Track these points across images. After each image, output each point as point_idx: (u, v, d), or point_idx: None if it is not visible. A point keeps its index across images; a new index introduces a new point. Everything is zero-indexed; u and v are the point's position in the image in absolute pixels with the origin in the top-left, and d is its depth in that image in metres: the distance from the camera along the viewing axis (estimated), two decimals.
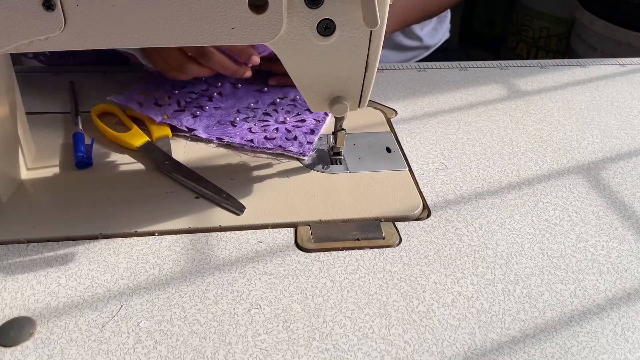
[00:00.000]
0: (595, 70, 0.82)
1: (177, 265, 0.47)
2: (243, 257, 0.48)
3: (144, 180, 0.56)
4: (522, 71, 0.81)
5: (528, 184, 0.58)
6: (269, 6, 0.43)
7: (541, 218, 0.54)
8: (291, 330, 0.42)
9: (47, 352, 0.40)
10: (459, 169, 0.60)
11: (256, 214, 0.52)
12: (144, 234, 0.49)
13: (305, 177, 0.57)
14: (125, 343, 0.40)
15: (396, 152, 0.61)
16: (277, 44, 0.46)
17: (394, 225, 0.52)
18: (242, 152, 0.60)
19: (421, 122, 0.68)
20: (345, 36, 0.46)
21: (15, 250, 0.47)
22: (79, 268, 0.46)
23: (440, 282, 0.46)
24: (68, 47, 0.43)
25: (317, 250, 0.49)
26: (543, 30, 1.77)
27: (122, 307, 0.43)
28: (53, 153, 0.58)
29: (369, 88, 0.51)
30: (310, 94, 0.51)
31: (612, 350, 0.42)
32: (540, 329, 0.43)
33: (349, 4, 0.44)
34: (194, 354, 0.40)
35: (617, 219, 0.54)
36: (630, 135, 0.67)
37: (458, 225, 0.52)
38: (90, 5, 0.41)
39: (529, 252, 0.50)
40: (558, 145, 0.65)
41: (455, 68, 0.81)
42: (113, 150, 0.59)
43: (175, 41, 0.44)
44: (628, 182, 0.59)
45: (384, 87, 0.74)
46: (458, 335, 0.42)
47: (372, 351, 0.41)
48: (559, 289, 0.46)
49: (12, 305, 0.43)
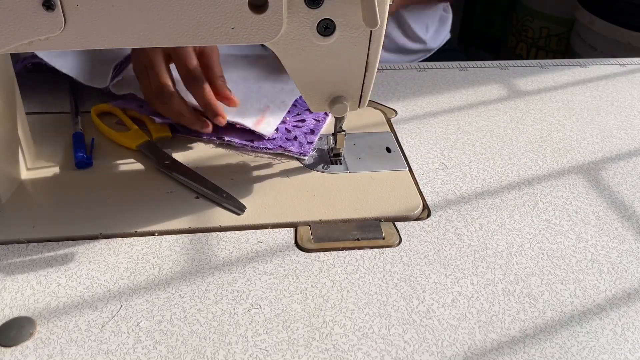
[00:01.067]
0: (595, 70, 0.82)
1: (177, 265, 0.47)
2: (243, 257, 0.48)
3: (144, 180, 0.56)
4: (522, 71, 0.81)
5: (528, 184, 0.58)
6: (269, 6, 0.43)
7: (541, 218, 0.54)
8: (291, 330, 0.42)
9: (47, 352, 0.40)
10: (459, 169, 0.60)
11: (256, 214, 0.52)
12: (144, 234, 0.49)
13: (305, 177, 0.57)
14: (125, 343, 0.40)
15: (396, 152, 0.61)
16: (277, 44, 0.46)
17: (394, 225, 0.52)
18: (242, 152, 0.60)
19: (421, 122, 0.68)
20: (345, 36, 0.46)
21: (15, 250, 0.47)
22: (79, 268, 0.46)
23: (440, 282, 0.46)
24: (68, 47, 0.43)
25: (317, 250, 0.49)
26: (543, 30, 1.77)
27: (122, 307, 0.43)
28: (53, 153, 0.58)
29: (369, 88, 0.51)
30: (310, 94, 0.51)
31: (612, 350, 0.42)
32: (540, 329, 0.43)
33: (349, 4, 0.44)
34: (194, 354, 0.40)
35: (617, 219, 0.54)
36: (630, 135, 0.67)
37: (458, 225, 0.52)
38: (90, 5, 0.41)
39: (529, 252, 0.50)
40: (558, 145, 0.65)
41: (455, 68, 0.81)
42: (113, 150, 0.59)
43: (175, 41, 0.44)
44: (628, 182, 0.59)
45: (384, 87, 0.74)
46: (458, 335, 0.42)
47: (372, 351, 0.41)
48: (559, 289, 0.46)
49: (12, 305, 0.43)
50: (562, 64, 0.83)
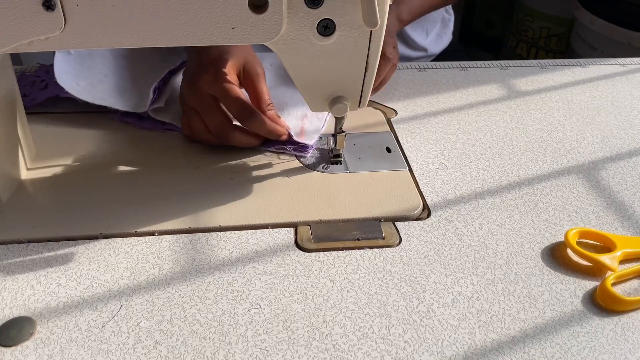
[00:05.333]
0: (595, 70, 0.82)
1: (177, 265, 0.47)
2: (243, 257, 0.48)
3: (145, 179, 0.56)
4: (522, 71, 0.81)
5: (528, 184, 0.58)
6: (269, 6, 0.43)
7: (541, 218, 0.54)
8: (291, 330, 0.42)
9: (47, 352, 0.40)
10: (459, 169, 0.60)
11: (256, 214, 0.52)
12: (144, 234, 0.49)
13: (305, 177, 0.57)
14: (125, 343, 0.40)
15: (396, 152, 0.61)
16: (277, 44, 0.46)
17: (394, 225, 0.52)
18: (243, 151, 0.60)
19: (421, 122, 0.68)
20: (345, 36, 0.46)
21: (15, 250, 0.47)
22: (79, 268, 0.46)
23: (440, 282, 0.46)
24: (68, 47, 0.43)
25: (317, 250, 0.49)
26: (543, 30, 1.77)
27: (122, 307, 0.43)
28: (53, 153, 0.58)
29: (369, 88, 0.51)
30: (310, 94, 0.51)
31: (612, 350, 0.41)
32: (540, 329, 0.43)
33: (349, 4, 0.44)
34: (194, 354, 0.40)
35: (617, 219, 0.54)
36: (630, 135, 0.67)
37: (458, 225, 0.52)
38: (90, 5, 0.41)
39: (529, 252, 0.50)
40: (558, 145, 0.65)
41: (455, 68, 0.81)
42: (113, 150, 0.59)
43: (175, 41, 0.44)
44: (628, 182, 0.59)
45: (384, 87, 0.74)
46: (458, 335, 0.42)
47: (372, 351, 0.41)
48: (559, 289, 0.46)
49: (12, 305, 0.43)
50: (562, 64, 0.83)
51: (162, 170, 0.57)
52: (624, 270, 0.47)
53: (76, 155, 0.58)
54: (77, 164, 0.57)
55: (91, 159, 0.58)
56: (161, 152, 0.60)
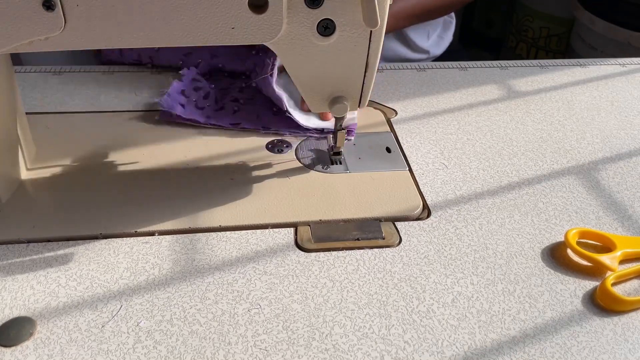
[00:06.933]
0: (595, 70, 0.82)
1: (177, 265, 0.47)
2: (243, 257, 0.48)
3: (145, 179, 0.56)
4: (522, 71, 0.81)
5: (528, 184, 0.58)
6: (269, 6, 0.43)
7: (541, 218, 0.54)
8: (291, 330, 0.42)
9: (47, 352, 0.40)
10: (459, 169, 0.60)
11: (256, 214, 0.52)
12: (144, 234, 0.49)
13: (305, 177, 0.57)
14: (125, 343, 0.40)
15: (396, 152, 0.61)
16: (277, 44, 0.46)
17: (394, 225, 0.52)
18: (243, 151, 0.60)
19: (421, 122, 0.68)
20: (345, 36, 0.46)
21: (15, 250, 0.47)
22: (79, 268, 0.46)
23: (440, 282, 0.46)
24: (68, 47, 0.43)
25: (317, 250, 0.49)
26: (543, 30, 1.77)
27: (122, 307, 0.43)
28: (53, 153, 0.58)
29: (369, 88, 0.51)
30: (310, 94, 0.51)
31: (612, 350, 0.42)
32: (540, 329, 0.43)
33: (349, 4, 0.44)
34: (194, 354, 0.40)
35: (617, 219, 0.54)
36: (630, 135, 0.67)
37: (458, 225, 0.52)
38: (90, 5, 0.41)
39: (529, 252, 0.50)
40: (558, 145, 0.65)
41: (455, 68, 0.81)
42: (113, 150, 0.59)
43: (175, 41, 0.44)
44: (628, 182, 0.59)
45: (384, 87, 0.74)
46: (458, 335, 0.42)
47: (372, 351, 0.41)
48: (559, 289, 0.46)
49: (12, 305, 0.43)
50: (562, 64, 0.83)
51: (162, 170, 0.57)
52: (624, 270, 0.47)
53: (76, 155, 0.58)
54: (77, 164, 0.57)
55: (91, 159, 0.58)
56: (161, 152, 0.60)
